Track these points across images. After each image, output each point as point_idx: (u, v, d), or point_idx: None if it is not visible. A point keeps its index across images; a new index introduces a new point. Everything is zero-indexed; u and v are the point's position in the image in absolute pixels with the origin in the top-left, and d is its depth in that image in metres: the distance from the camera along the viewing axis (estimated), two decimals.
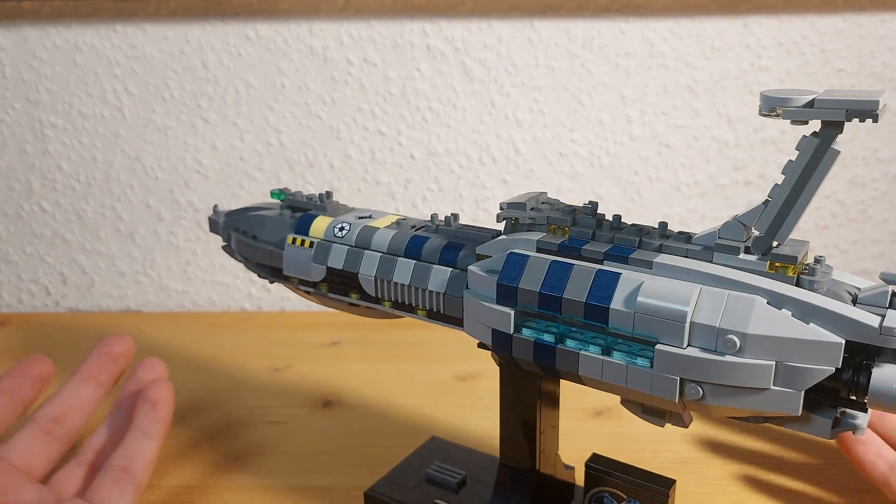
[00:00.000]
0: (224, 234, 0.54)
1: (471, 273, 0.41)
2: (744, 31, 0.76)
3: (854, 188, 0.81)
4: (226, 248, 0.55)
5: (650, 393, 0.36)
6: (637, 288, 0.36)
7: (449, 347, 0.72)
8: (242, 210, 0.54)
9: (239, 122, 0.80)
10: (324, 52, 0.77)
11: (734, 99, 0.77)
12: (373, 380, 0.67)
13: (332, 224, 0.48)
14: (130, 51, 0.78)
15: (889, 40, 0.76)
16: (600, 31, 0.76)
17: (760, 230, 0.36)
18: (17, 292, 0.87)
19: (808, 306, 0.34)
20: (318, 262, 0.47)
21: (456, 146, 0.80)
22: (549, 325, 0.38)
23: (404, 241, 0.45)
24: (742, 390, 0.34)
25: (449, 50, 0.77)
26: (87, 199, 0.83)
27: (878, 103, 0.31)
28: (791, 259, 0.35)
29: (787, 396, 0.34)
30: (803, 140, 0.34)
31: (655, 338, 0.35)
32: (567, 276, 0.37)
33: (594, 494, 0.43)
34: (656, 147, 0.79)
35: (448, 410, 0.61)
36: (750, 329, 0.34)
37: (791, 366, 0.34)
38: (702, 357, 0.34)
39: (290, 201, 0.51)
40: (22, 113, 0.80)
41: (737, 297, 0.35)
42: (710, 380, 0.35)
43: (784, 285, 0.35)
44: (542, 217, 0.41)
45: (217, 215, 0.56)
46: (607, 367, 0.37)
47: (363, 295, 0.46)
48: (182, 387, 0.66)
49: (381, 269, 0.45)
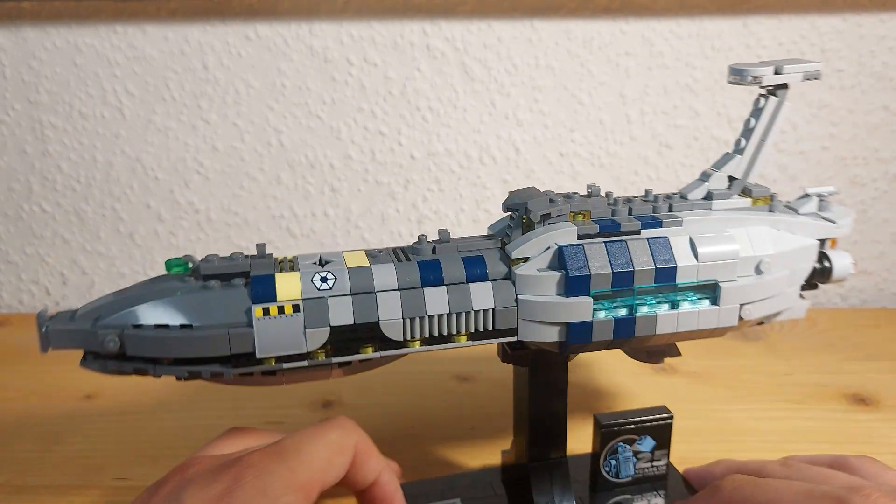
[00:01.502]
0: (103, 340, 0.38)
1: (521, 278, 0.41)
2: (744, 31, 0.76)
3: (854, 188, 0.81)
4: (91, 363, 0.39)
5: (717, 325, 0.42)
6: (690, 243, 0.42)
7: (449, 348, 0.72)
8: (117, 303, 0.40)
9: (239, 122, 0.80)
10: (324, 53, 0.77)
11: (734, 99, 0.77)
12: (373, 380, 0.67)
13: (304, 278, 0.39)
14: (130, 51, 0.78)
15: (889, 40, 0.76)
16: (600, 31, 0.76)
17: (738, 175, 0.45)
18: (18, 293, 0.87)
19: (791, 224, 0.45)
20: (314, 325, 0.39)
21: (456, 146, 0.80)
22: (615, 303, 0.42)
23: (414, 271, 0.41)
24: (771, 299, 0.43)
25: (449, 50, 0.77)
26: (87, 200, 0.83)
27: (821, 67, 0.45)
28: (766, 191, 0.45)
29: (792, 293, 0.45)
30: (766, 100, 0.45)
31: (715, 280, 0.42)
32: (627, 252, 0.41)
33: (610, 448, 0.48)
34: (656, 147, 0.79)
35: (448, 410, 0.61)
36: (774, 250, 0.43)
37: (795, 269, 0.44)
38: (752, 282, 0.42)
39: (209, 268, 0.40)
40: (22, 114, 0.80)
41: (754, 230, 0.43)
42: (756, 298, 0.43)
43: (768, 214, 0.45)
44: (565, 209, 0.43)
45: (56, 321, 0.39)
46: (681, 318, 0.42)
47: (384, 344, 0.40)
48: (181, 388, 0.66)
49: (407, 307, 0.40)
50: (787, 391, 0.64)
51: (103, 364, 0.39)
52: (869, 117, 0.78)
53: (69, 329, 0.39)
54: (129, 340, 0.38)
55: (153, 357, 0.39)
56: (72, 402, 0.64)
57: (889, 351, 0.71)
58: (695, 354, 0.57)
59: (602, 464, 0.48)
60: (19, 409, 0.63)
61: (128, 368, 0.39)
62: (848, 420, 0.60)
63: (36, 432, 0.60)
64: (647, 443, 0.48)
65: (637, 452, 0.48)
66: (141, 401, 0.64)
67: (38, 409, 0.63)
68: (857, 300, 0.84)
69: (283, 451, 0.37)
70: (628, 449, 0.48)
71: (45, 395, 0.65)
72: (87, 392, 0.65)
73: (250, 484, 0.35)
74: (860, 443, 0.57)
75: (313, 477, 0.37)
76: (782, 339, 0.74)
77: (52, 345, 0.39)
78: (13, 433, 0.60)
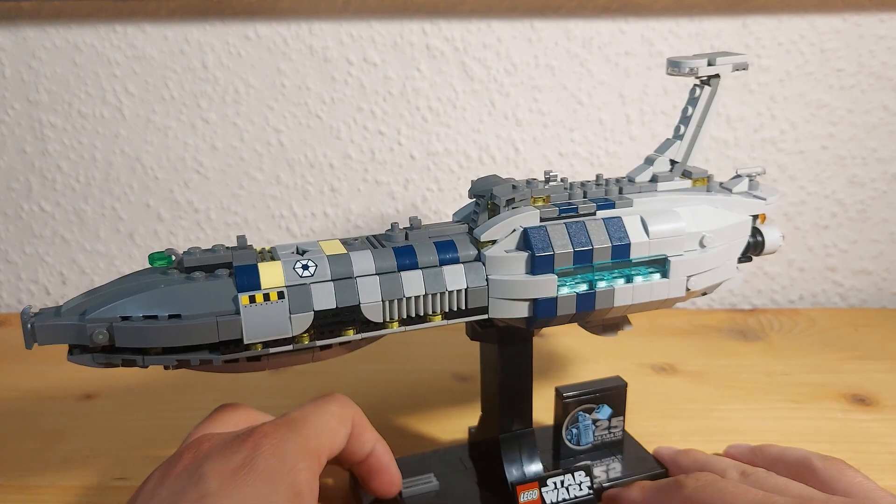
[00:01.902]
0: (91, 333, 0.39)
1: (491, 259, 0.44)
2: (743, 30, 0.76)
3: (853, 188, 0.81)
4: (79, 357, 0.41)
5: (667, 297, 0.46)
6: (641, 222, 0.46)
7: (448, 347, 0.73)
8: (102, 297, 0.40)
9: (239, 121, 0.80)
10: (323, 52, 0.77)
11: (733, 99, 0.78)
12: (372, 380, 0.67)
13: (287, 266, 0.41)
14: (130, 51, 0.78)
15: (888, 40, 0.76)
16: (600, 30, 0.76)
17: (678, 158, 0.50)
18: (17, 292, 0.87)
19: (727, 202, 0.49)
20: (298, 310, 0.40)
21: (456, 146, 0.80)
22: (576, 279, 0.45)
23: (390, 257, 0.43)
24: (713, 271, 0.48)
25: (448, 50, 0.77)
26: (86, 199, 0.83)
27: (746, 59, 0.49)
28: (704, 174, 0.50)
29: (731, 265, 0.49)
30: (701, 90, 0.49)
31: (664, 255, 0.46)
32: (586, 232, 0.45)
33: (571, 417, 0.52)
34: (655, 147, 0.79)
35: (448, 410, 0.62)
36: (714, 226, 0.47)
37: (732, 243, 0.49)
38: (696, 256, 0.47)
39: (192, 260, 0.41)
40: (21, 113, 0.80)
41: (696, 209, 0.48)
42: (701, 270, 0.47)
43: (706, 194, 0.49)
44: (526, 194, 0.46)
45: (42, 318, 0.40)
46: (636, 291, 0.46)
47: (363, 326, 0.42)
48: (182, 387, 0.66)
49: (386, 290, 0.42)
50: (787, 391, 0.64)
51: (91, 357, 0.40)
52: (868, 117, 0.78)
53: (56, 324, 0.40)
54: (119, 332, 0.39)
55: (142, 348, 0.40)
56: (71, 402, 0.64)
57: (888, 351, 0.71)
58: (694, 354, 0.58)
59: (564, 433, 0.52)
60: (19, 409, 0.63)
61: (116, 360, 0.40)
62: (847, 420, 0.60)
63: (36, 431, 0.60)
64: (604, 411, 0.52)
65: (596, 420, 0.52)
66: (141, 400, 0.64)
67: (38, 408, 0.63)
68: (857, 300, 0.85)
69: (293, 422, 0.39)
70: (588, 417, 0.52)
71: (45, 394, 0.65)
72: (86, 391, 0.65)
73: (268, 452, 0.37)
74: (859, 442, 0.57)
75: (322, 444, 0.40)
76: (781, 338, 0.74)
77: (39, 341, 0.40)
78: (13, 432, 0.60)
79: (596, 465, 0.51)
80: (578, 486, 0.49)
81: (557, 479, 0.49)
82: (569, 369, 0.69)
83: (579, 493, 0.49)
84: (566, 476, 0.49)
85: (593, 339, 0.71)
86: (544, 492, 0.48)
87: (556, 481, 0.48)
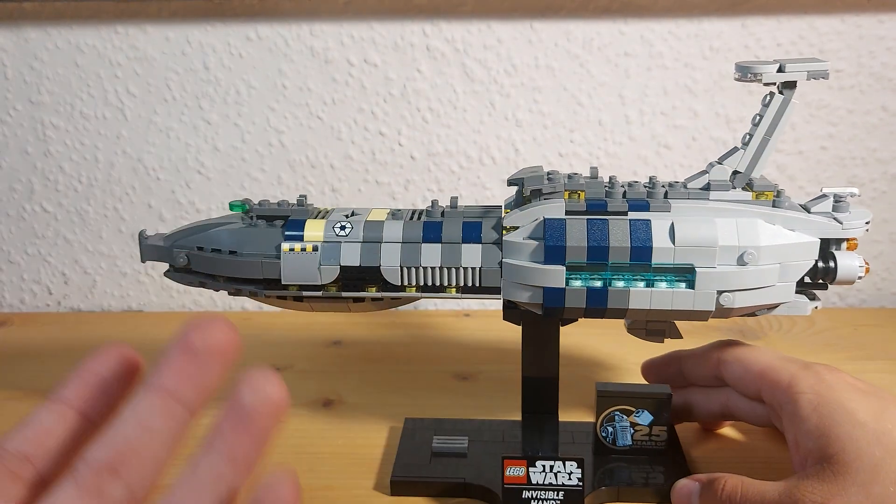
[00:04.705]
0: (176, 256, 0.51)
1: (508, 243, 0.46)
2: (743, 31, 0.76)
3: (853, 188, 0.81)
4: (172, 274, 0.53)
5: (692, 308, 0.45)
6: (670, 228, 0.44)
7: (449, 347, 0.73)
8: (192, 229, 0.52)
9: (240, 122, 0.80)
10: (324, 54, 0.78)
11: (733, 99, 0.78)
12: (373, 380, 0.68)
13: (328, 225, 0.48)
14: (132, 52, 0.78)
15: (887, 40, 0.76)
16: (600, 31, 0.76)
17: (741, 168, 0.47)
18: (20, 292, 0.87)
19: (790, 219, 0.46)
20: (327, 263, 0.47)
21: (456, 147, 0.80)
22: (592, 275, 0.45)
23: (418, 228, 0.48)
24: (758, 290, 0.45)
25: (449, 51, 0.77)
26: (88, 200, 0.83)
27: (828, 66, 0.46)
28: (771, 187, 0.47)
29: (786, 288, 0.46)
30: (772, 97, 0.46)
31: (692, 264, 0.44)
32: (606, 229, 0.45)
33: (606, 415, 0.52)
34: (655, 147, 0.79)
35: (448, 410, 0.62)
36: (761, 242, 0.44)
37: (789, 264, 0.45)
38: (732, 271, 0.44)
39: (260, 210, 0.51)
40: (24, 114, 0.80)
41: (744, 221, 0.45)
42: (738, 286, 0.45)
43: (768, 208, 0.46)
44: (559, 185, 0.47)
45: (151, 240, 0.53)
46: (655, 296, 0.45)
47: (383, 286, 0.48)
48: None
49: (405, 257, 0.47)
50: None
51: (180, 276, 0.52)
52: (868, 117, 0.78)
53: (154, 245, 0.52)
54: (193, 259, 0.50)
55: (210, 273, 0.50)
56: None
57: (888, 351, 0.71)
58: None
59: (599, 429, 0.52)
60: (21, 409, 0.63)
61: (194, 281, 0.51)
62: None
63: None
64: (644, 416, 0.52)
65: (634, 424, 0.52)
66: None
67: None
68: (856, 300, 0.85)
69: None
70: (625, 419, 0.52)
71: (47, 394, 0.65)
72: None
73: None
74: None
75: None
76: (781, 338, 0.74)
77: (142, 258, 0.53)
78: None
79: (633, 470, 0.51)
80: (568, 475, 0.49)
81: (548, 463, 0.49)
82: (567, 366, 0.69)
83: (567, 481, 0.48)
84: (557, 462, 0.49)
85: (595, 337, 0.71)
86: (531, 471, 0.48)
87: (546, 464, 0.49)
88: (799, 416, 0.44)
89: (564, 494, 0.48)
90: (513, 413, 0.59)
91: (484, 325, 0.78)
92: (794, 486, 0.42)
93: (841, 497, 0.40)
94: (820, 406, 0.44)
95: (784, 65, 0.45)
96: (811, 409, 0.44)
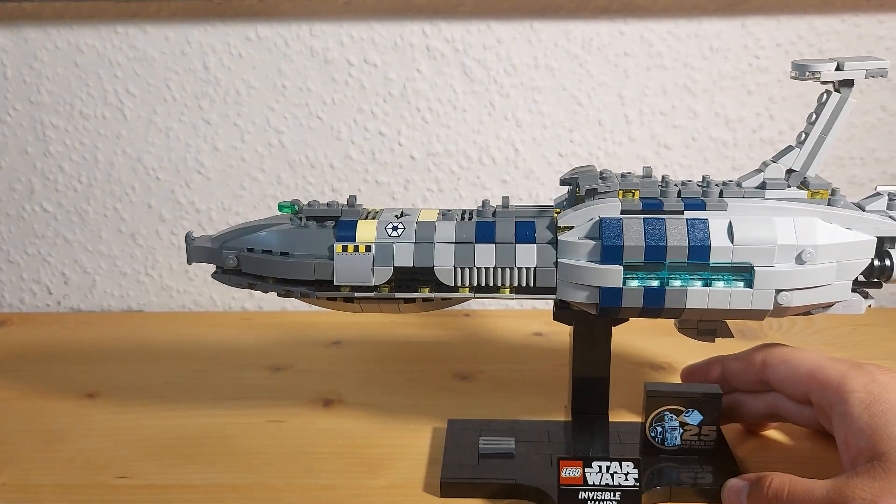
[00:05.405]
0: (226, 258, 0.50)
1: (563, 243, 0.46)
2: (742, 31, 0.76)
3: (852, 188, 0.81)
4: (220, 276, 0.52)
5: (750, 307, 0.45)
6: (728, 227, 0.44)
7: (449, 347, 0.73)
8: (241, 231, 0.51)
9: (240, 122, 0.80)
10: (324, 54, 0.78)
11: (732, 99, 0.78)
12: (373, 380, 0.68)
13: (380, 226, 0.48)
14: (131, 52, 0.78)
15: (887, 41, 0.76)
16: (599, 31, 0.76)
17: (796, 167, 0.47)
18: (19, 292, 0.87)
19: (847, 218, 0.46)
20: (381, 264, 0.47)
21: (456, 147, 0.80)
22: (649, 275, 0.45)
23: (471, 229, 0.48)
24: (816, 289, 0.45)
25: (449, 51, 0.77)
26: (88, 200, 0.83)
27: (887, 65, 0.45)
28: (826, 186, 0.47)
29: (842, 287, 0.46)
30: (828, 96, 0.46)
31: (750, 264, 0.44)
32: (664, 229, 0.45)
33: (656, 415, 0.51)
34: (655, 147, 0.79)
35: (448, 410, 0.62)
36: (819, 241, 0.44)
37: (846, 263, 0.45)
38: (791, 270, 0.44)
39: (310, 211, 0.50)
40: (23, 114, 0.80)
41: (801, 220, 0.45)
42: (796, 285, 0.45)
43: (824, 207, 0.46)
44: (613, 185, 0.47)
45: (199, 241, 0.52)
46: (713, 296, 0.45)
47: (436, 287, 0.48)
48: (183, 387, 0.66)
49: (459, 258, 0.47)
50: None
51: (228, 278, 0.51)
52: (867, 117, 0.78)
53: (202, 247, 0.51)
54: (244, 260, 0.50)
55: (260, 275, 0.50)
56: (73, 401, 0.64)
57: (888, 351, 0.72)
58: (694, 354, 0.58)
59: (648, 428, 0.52)
60: (21, 408, 0.63)
61: (243, 283, 0.50)
62: None
63: (38, 431, 0.60)
64: (694, 416, 0.51)
65: (684, 424, 0.51)
66: (142, 399, 0.64)
67: (40, 407, 0.63)
68: None
69: None
70: (674, 419, 0.51)
71: (46, 393, 0.65)
72: (88, 391, 0.66)
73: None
74: None
75: None
76: (780, 338, 0.74)
77: (189, 260, 0.52)
78: (15, 432, 0.60)
79: (681, 470, 0.51)
80: (625, 476, 0.48)
81: (604, 464, 0.49)
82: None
83: (624, 482, 0.48)
84: (613, 463, 0.48)
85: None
86: (588, 472, 0.48)
87: (602, 465, 0.48)
88: (850, 415, 0.44)
89: (621, 495, 0.48)
90: (517, 413, 0.59)
91: (484, 325, 0.78)
92: (844, 483, 0.42)
93: (891, 495, 0.40)
94: (872, 405, 0.43)
95: (842, 63, 0.45)
96: (863, 407, 0.44)
